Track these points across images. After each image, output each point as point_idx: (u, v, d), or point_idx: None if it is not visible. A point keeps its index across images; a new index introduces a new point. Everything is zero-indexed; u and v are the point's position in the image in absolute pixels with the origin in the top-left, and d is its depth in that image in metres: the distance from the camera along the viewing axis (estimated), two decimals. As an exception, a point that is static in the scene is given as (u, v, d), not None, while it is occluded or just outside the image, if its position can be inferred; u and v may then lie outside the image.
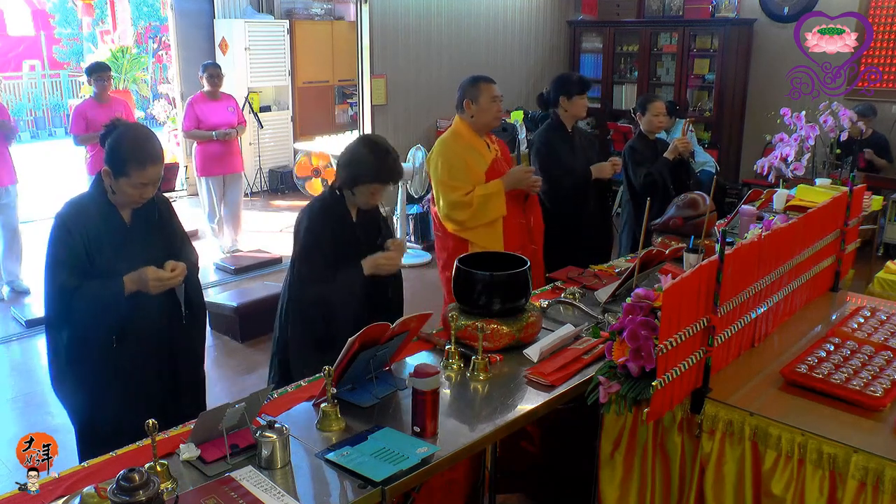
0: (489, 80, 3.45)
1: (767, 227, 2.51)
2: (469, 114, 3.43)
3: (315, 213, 2.69)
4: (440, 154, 3.45)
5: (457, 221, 3.44)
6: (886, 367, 2.18)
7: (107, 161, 2.30)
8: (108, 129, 2.35)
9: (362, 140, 2.73)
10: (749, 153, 7.89)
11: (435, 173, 3.46)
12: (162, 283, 2.32)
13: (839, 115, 4.79)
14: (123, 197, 2.32)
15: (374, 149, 2.65)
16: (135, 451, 1.91)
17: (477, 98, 3.40)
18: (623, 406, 2.05)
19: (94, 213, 2.32)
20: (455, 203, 3.40)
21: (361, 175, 2.63)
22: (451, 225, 3.46)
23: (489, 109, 3.42)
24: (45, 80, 13.87)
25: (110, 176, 2.29)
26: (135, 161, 2.26)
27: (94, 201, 2.34)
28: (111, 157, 2.28)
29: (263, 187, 9.03)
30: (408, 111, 7.05)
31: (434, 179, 3.48)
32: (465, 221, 3.42)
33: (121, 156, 2.26)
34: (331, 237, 2.66)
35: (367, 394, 2.14)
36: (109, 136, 2.32)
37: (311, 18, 9.43)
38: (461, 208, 3.41)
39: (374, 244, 2.73)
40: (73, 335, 2.31)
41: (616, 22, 8.50)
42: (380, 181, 2.65)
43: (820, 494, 1.87)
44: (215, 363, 4.65)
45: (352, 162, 2.65)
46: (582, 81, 3.97)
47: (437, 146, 3.49)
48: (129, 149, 2.28)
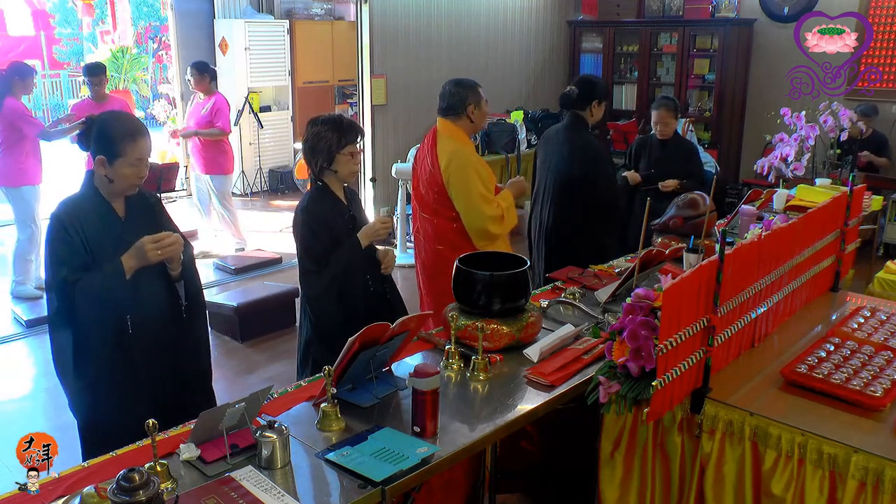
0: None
1: (767, 227, 2.51)
2: (471, 118, 3.38)
3: (311, 210, 2.72)
4: (468, 165, 3.31)
5: (492, 236, 3.35)
6: (886, 367, 2.18)
7: (99, 151, 2.30)
8: (86, 125, 2.35)
9: (310, 125, 2.77)
10: (749, 153, 7.89)
11: (464, 186, 3.29)
12: (159, 247, 2.29)
13: (839, 115, 4.79)
14: (122, 182, 2.33)
15: (325, 120, 2.73)
16: (135, 451, 1.91)
17: (479, 102, 3.38)
18: (623, 406, 2.05)
19: (88, 209, 2.33)
20: (493, 217, 3.32)
21: (333, 144, 2.69)
22: (484, 241, 3.33)
23: (486, 113, 3.46)
24: (45, 80, 13.87)
25: (105, 164, 2.29)
26: (127, 136, 2.29)
27: (87, 198, 2.35)
28: (102, 144, 2.30)
29: (263, 187, 9.03)
30: (408, 111, 7.05)
31: (464, 193, 3.30)
32: (499, 234, 3.36)
33: (111, 138, 2.29)
34: (330, 227, 2.71)
35: (367, 394, 2.14)
36: (90, 131, 2.33)
37: (311, 18, 9.43)
38: (497, 222, 3.34)
39: (363, 220, 2.86)
40: (78, 331, 2.30)
41: (616, 22, 8.50)
42: (351, 139, 2.71)
43: (820, 494, 1.87)
44: (215, 363, 4.60)
45: (317, 143, 2.70)
46: (606, 90, 4.08)
47: (456, 157, 3.31)
48: (116, 129, 2.31)
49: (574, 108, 3.96)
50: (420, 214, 3.50)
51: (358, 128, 2.79)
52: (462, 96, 3.36)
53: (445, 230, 3.39)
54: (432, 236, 3.44)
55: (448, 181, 3.31)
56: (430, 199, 3.41)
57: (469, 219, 3.33)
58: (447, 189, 3.32)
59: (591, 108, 3.94)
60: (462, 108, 3.35)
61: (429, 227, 3.45)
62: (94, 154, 2.31)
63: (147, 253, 2.28)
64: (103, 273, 2.27)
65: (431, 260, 3.46)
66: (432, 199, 3.39)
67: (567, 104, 3.99)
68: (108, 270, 2.27)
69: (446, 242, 3.39)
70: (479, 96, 3.39)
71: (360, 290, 2.76)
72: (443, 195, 3.35)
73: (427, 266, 3.51)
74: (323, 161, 2.71)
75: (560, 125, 4.16)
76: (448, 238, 3.39)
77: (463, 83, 3.40)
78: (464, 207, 3.32)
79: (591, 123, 4.02)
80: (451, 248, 3.34)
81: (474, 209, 3.30)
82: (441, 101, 3.41)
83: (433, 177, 3.37)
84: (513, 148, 7.03)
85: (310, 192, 2.79)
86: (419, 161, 3.51)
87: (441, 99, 3.41)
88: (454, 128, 3.39)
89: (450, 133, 3.39)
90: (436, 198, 3.37)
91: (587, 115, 3.95)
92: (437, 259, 3.41)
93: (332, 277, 2.67)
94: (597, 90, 3.94)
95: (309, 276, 2.71)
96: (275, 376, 4.31)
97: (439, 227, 3.40)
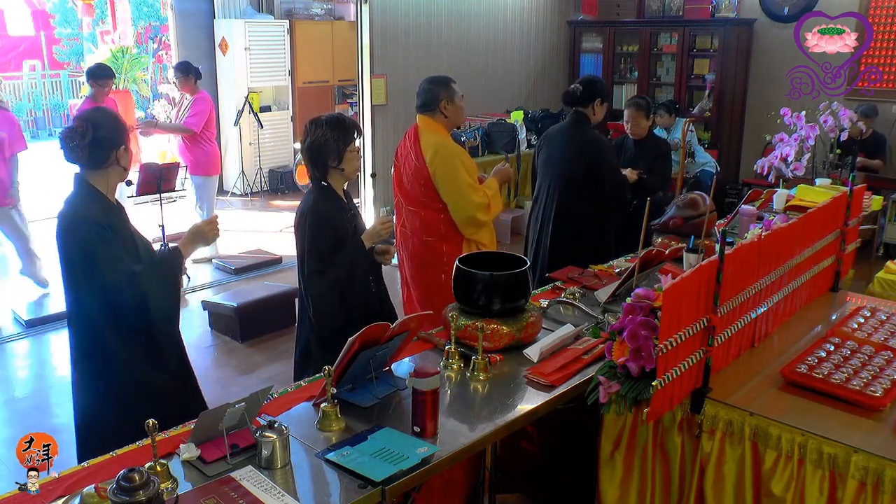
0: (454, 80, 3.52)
1: (767, 227, 2.51)
2: (444, 114, 3.45)
3: (318, 210, 2.73)
4: (454, 156, 3.41)
5: (480, 223, 3.45)
6: (886, 367, 2.18)
7: (116, 143, 2.39)
8: (82, 136, 2.34)
9: (312, 126, 2.77)
10: (749, 153, 7.88)
11: (451, 176, 3.38)
12: (215, 227, 2.54)
13: (839, 115, 4.79)
14: (127, 162, 2.45)
15: (328, 120, 2.74)
16: (135, 451, 1.91)
17: (452, 98, 3.45)
18: (623, 406, 2.05)
19: (98, 207, 2.37)
20: (480, 205, 3.41)
21: (341, 143, 2.71)
22: (471, 229, 3.45)
23: (462, 108, 3.50)
24: (45, 80, 13.87)
25: (124, 150, 2.42)
26: (125, 127, 2.45)
27: (90, 197, 2.38)
28: (117, 134, 2.40)
29: (263, 187, 9.02)
30: (408, 111, 7.03)
31: (451, 183, 3.38)
32: (487, 222, 3.45)
33: (119, 123, 2.43)
34: (335, 227, 2.73)
35: (367, 394, 2.14)
36: (97, 134, 2.35)
37: (311, 18, 9.43)
38: (484, 210, 3.43)
39: (361, 221, 2.91)
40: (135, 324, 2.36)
41: (616, 22, 8.49)
42: (354, 136, 2.76)
43: (820, 494, 1.87)
44: (215, 363, 4.65)
45: (323, 145, 2.72)
46: (607, 92, 4.15)
47: (441, 149, 3.40)
48: (113, 116, 2.47)
49: (577, 106, 3.98)
50: (407, 208, 3.57)
51: (357, 125, 2.85)
52: (434, 93, 3.45)
53: (433, 221, 3.48)
54: (420, 228, 3.52)
55: (434, 173, 3.41)
56: (416, 192, 3.49)
57: (457, 208, 3.41)
58: (434, 181, 3.41)
59: (594, 107, 3.95)
60: (435, 104, 3.45)
61: (416, 220, 3.53)
62: (112, 148, 2.38)
63: (208, 234, 2.51)
64: (163, 260, 2.45)
65: (420, 252, 3.55)
66: (419, 193, 3.48)
67: (571, 101, 4.00)
68: (167, 258, 2.46)
69: (435, 233, 3.49)
70: (453, 92, 3.46)
71: (362, 291, 2.78)
72: (429, 187, 3.44)
73: (415, 257, 3.58)
74: (332, 160, 2.72)
75: (562, 124, 4.19)
76: (436, 229, 3.49)
77: (436, 80, 3.51)
78: (451, 197, 3.41)
79: (593, 123, 4.03)
80: (439, 238, 3.47)
81: (462, 198, 3.39)
82: (417, 99, 3.52)
83: (419, 170, 3.45)
84: (513, 148, 7.03)
85: (314, 192, 2.79)
86: (402, 157, 3.59)
87: (417, 97, 3.52)
88: (432, 122, 3.48)
89: (429, 128, 3.48)
90: (422, 191, 3.46)
91: (590, 113, 3.96)
92: (426, 250, 3.51)
93: (336, 278, 2.69)
94: (602, 89, 3.99)
95: (313, 277, 2.71)
96: (275, 376, 4.31)
97: (427, 219, 3.49)
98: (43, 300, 5.51)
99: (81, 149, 2.33)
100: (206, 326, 5.11)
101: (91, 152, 2.34)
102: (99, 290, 2.30)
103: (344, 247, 2.72)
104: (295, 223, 2.80)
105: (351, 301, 2.74)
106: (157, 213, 5.53)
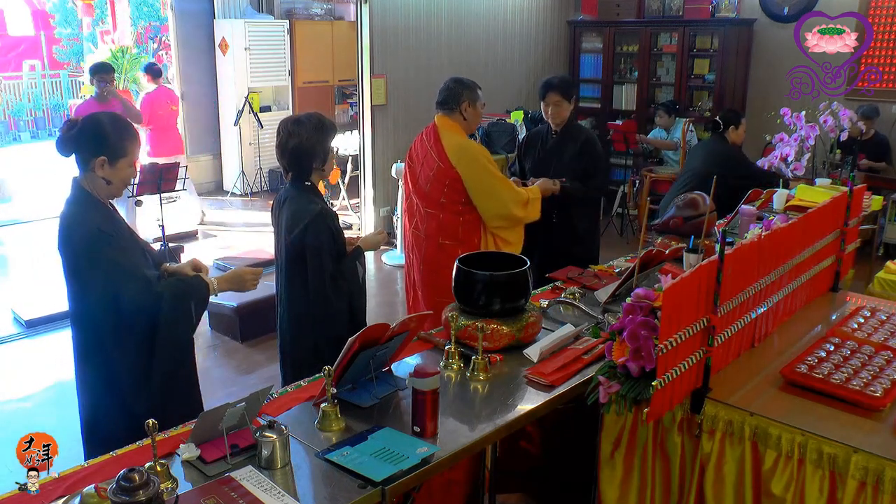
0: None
1: (767, 227, 2.51)
2: (463, 115, 3.43)
3: (327, 211, 2.72)
4: (481, 155, 3.41)
5: (515, 219, 3.45)
6: (886, 367, 2.18)
7: (99, 152, 2.25)
8: (69, 128, 2.28)
9: (295, 126, 2.71)
10: (749, 153, 7.85)
11: (482, 174, 3.37)
12: (257, 278, 2.52)
13: (839, 115, 4.79)
14: (120, 182, 2.32)
15: (308, 122, 2.71)
16: (135, 451, 1.91)
17: (474, 102, 3.43)
18: (623, 406, 2.05)
19: (98, 213, 2.30)
20: (517, 200, 3.41)
21: (326, 146, 2.73)
22: (505, 222, 3.44)
23: (480, 115, 3.51)
24: (45, 80, 13.87)
25: (106, 164, 2.26)
26: (129, 136, 2.31)
27: (89, 203, 2.31)
28: (103, 145, 2.25)
29: (263, 187, 9.03)
30: (408, 111, 7.04)
31: (483, 181, 3.37)
32: (523, 218, 3.45)
33: (115, 137, 2.27)
34: (340, 230, 2.74)
35: (367, 394, 2.14)
36: (82, 133, 2.26)
37: (311, 18, 9.43)
38: (521, 205, 3.43)
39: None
40: (139, 332, 2.31)
41: (616, 22, 8.49)
42: (333, 136, 2.77)
43: (820, 494, 1.87)
44: (215, 363, 4.65)
45: (310, 148, 2.70)
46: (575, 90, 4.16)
47: (468, 149, 3.40)
48: (117, 128, 2.29)
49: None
50: (424, 210, 3.51)
51: (334, 124, 2.86)
52: (457, 92, 3.42)
53: (451, 224, 3.44)
54: (436, 231, 3.48)
55: (463, 174, 3.37)
56: (436, 194, 3.43)
57: (490, 205, 3.39)
58: (464, 182, 3.38)
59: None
60: (456, 103, 3.41)
61: (432, 223, 3.48)
62: (91, 155, 2.26)
63: (247, 283, 2.50)
64: (190, 285, 2.41)
65: (434, 255, 3.50)
66: (439, 194, 3.42)
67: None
68: (194, 282, 2.42)
69: (452, 237, 3.45)
70: (476, 96, 3.43)
71: (358, 296, 2.84)
72: (454, 189, 3.39)
73: (429, 262, 3.53)
74: (319, 161, 2.73)
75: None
76: (454, 232, 3.44)
77: (462, 80, 3.47)
78: (484, 195, 3.38)
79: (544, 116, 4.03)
80: (456, 242, 3.42)
81: (496, 194, 3.38)
82: (439, 95, 3.47)
83: (442, 171, 3.40)
84: (513, 148, 7.02)
85: (308, 193, 2.74)
86: (419, 158, 3.51)
87: (439, 92, 3.47)
88: (451, 123, 3.45)
89: (450, 128, 3.44)
90: (445, 192, 3.41)
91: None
92: (441, 254, 3.45)
93: (346, 281, 2.73)
94: (573, 87, 4.05)
95: (326, 280, 2.68)
96: (275, 376, 4.28)
97: (445, 221, 3.45)
98: (43, 300, 5.51)
99: (64, 142, 2.28)
100: (206, 326, 5.10)
101: (76, 150, 2.28)
102: (102, 292, 2.27)
103: (340, 247, 2.75)
104: (289, 222, 2.71)
105: (355, 304, 2.79)
106: (157, 213, 5.53)
